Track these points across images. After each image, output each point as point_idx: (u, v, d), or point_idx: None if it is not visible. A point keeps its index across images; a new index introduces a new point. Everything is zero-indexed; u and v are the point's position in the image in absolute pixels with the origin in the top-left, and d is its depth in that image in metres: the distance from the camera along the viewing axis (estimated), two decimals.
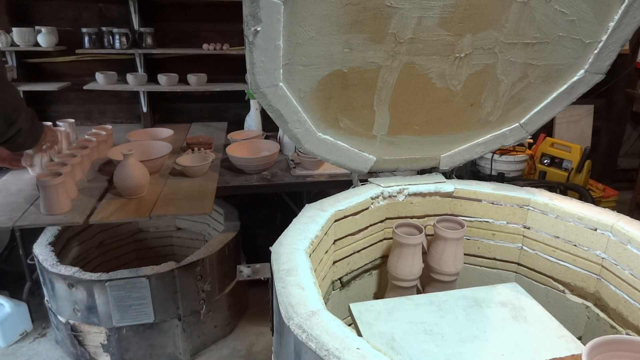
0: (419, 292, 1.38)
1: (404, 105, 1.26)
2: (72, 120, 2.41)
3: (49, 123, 2.29)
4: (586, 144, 3.37)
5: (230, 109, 3.25)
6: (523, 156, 2.71)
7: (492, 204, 1.37)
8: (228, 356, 2.18)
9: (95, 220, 1.71)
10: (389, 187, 1.35)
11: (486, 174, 2.68)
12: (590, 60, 1.24)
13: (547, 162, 2.94)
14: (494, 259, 1.42)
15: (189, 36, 3.05)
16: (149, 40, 2.84)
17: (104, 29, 2.81)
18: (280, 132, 2.67)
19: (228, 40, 2.95)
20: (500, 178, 2.61)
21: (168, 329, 2.04)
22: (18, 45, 2.69)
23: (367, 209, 1.31)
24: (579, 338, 1.20)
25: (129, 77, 2.83)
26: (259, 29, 0.98)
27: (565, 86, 1.30)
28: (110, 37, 2.80)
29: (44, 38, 2.68)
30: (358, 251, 1.32)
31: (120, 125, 3.06)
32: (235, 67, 3.06)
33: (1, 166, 1.93)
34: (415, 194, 1.38)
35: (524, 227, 1.35)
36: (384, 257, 1.41)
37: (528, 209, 1.33)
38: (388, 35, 1.09)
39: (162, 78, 2.86)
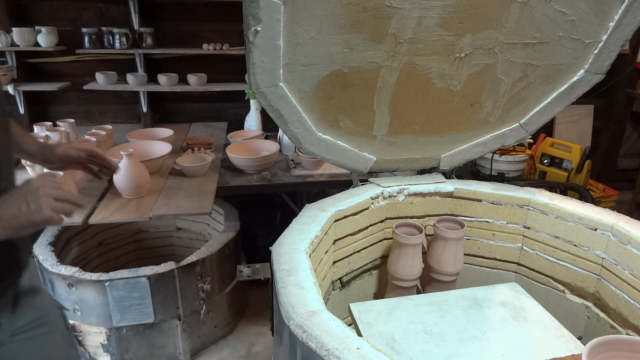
0: (419, 292, 1.38)
1: (404, 105, 1.26)
2: (72, 120, 2.41)
3: (49, 123, 2.30)
4: (586, 144, 3.37)
5: (230, 109, 3.25)
6: (523, 156, 2.71)
7: (492, 204, 1.37)
8: (228, 356, 2.18)
9: (95, 220, 1.71)
10: (389, 187, 1.35)
11: (486, 174, 2.68)
12: (590, 60, 1.24)
13: (547, 162, 2.94)
14: (494, 259, 1.42)
15: (189, 36, 3.05)
16: (149, 40, 2.84)
17: (104, 29, 2.81)
18: (280, 132, 2.66)
19: (228, 40, 2.95)
20: (500, 178, 2.61)
21: (168, 329, 2.04)
22: (18, 45, 2.69)
23: (367, 209, 1.31)
24: (579, 338, 1.20)
25: (129, 77, 2.83)
26: (259, 29, 0.98)
27: (565, 86, 1.30)
28: (110, 37, 2.80)
29: (44, 38, 2.68)
30: (358, 251, 1.32)
31: (120, 125, 3.05)
32: (235, 67, 3.06)
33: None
34: (415, 194, 1.38)
35: (524, 227, 1.35)
36: (384, 257, 1.41)
37: (528, 209, 1.33)
38: (388, 35, 1.09)
39: (162, 78, 2.86)
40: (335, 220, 1.21)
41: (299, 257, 0.97)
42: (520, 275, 1.39)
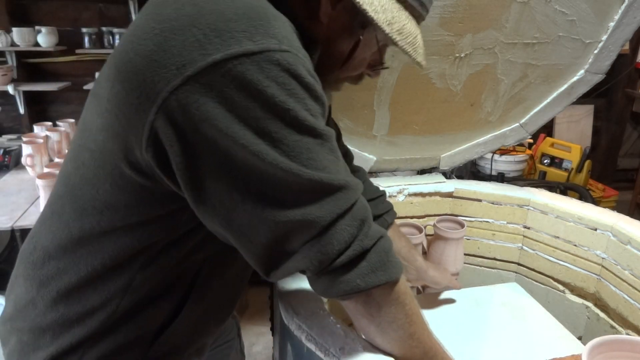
0: (419, 292, 1.38)
1: (404, 105, 1.26)
2: (72, 120, 2.41)
3: (49, 123, 2.30)
4: (586, 144, 3.37)
5: None
6: (523, 156, 2.71)
7: (492, 204, 1.37)
8: None
9: None
10: (389, 187, 1.35)
11: (486, 174, 2.68)
12: (590, 60, 1.24)
13: (547, 162, 2.94)
14: (494, 259, 1.42)
15: None
16: None
17: (104, 29, 2.81)
18: None
19: None
20: (500, 178, 2.60)
21: None
22: (18, 45, 2.69)
23: None
24: (579, 338, 1.20)
25: None
26: None
27: (565, 86, 1.30)
28: (110, 37, 2.80)
29: (44, 38, 2.68)
30: None
31: None
32: None
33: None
34: (415, 194, 1.38)
35: (524, 227, 1.35)
36: None
37: (528, 209, 1.33)
38: None
39: None
40: None
41: None
42: (520, 275, 1.39)
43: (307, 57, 0.57)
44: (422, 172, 1.48)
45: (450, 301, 1.17)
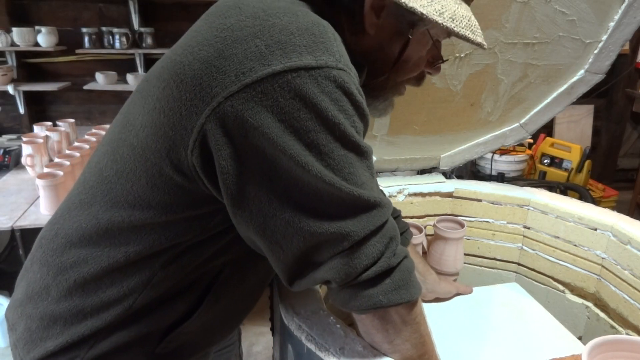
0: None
1: (404, 105, 1.26)
2: (72, 120, 2.41)
3: (49, 123, 2.30)
4: (586, 144, 3.37)
5: None
6: (523, 156, 2.71)
7: (492, 204, 1.37)
8: None
9: None
10: (389, 187, 1.35)
11: (486, 174, 2.68)
12: (590, 60, 1.24)
13: (547, 162, 2.94)
14: (494, 259, 1.42)
15: None
16: (149, 40, 2.85)
17: (104, 29, 2.81)
18: None
19: None
20: (500, 178, 2.60)
21: None
22: (18, 45, 2.69)
23: None
24: (579, 338, 1.20)
25: (129, 77, 2.83)
26: None
27: (565, 86, 1.30)
28: (110, 37, 2.80)
29: (44, 38, 2.68)
30: None
31: None
32: None
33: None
34: (415, 194, 1.38)
35: (524, 227, 1.35)
36: None
37: (528, 209, 1.33)
38: None
39: None
40: None
41: None
42: (520, 275, 1.39)
43: (357, 76, 0.59)
44: (422, 172, 1.48)
45: (451, 301, 1.17)
